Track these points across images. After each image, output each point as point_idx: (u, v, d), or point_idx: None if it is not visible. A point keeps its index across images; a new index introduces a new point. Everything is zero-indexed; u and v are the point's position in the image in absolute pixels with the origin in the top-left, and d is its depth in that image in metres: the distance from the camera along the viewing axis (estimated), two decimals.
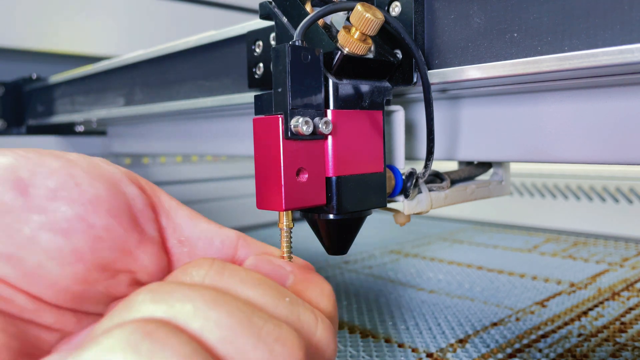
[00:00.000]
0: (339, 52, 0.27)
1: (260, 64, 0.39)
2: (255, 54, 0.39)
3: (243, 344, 0.18)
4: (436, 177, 0.37)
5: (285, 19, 0.31)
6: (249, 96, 0.43)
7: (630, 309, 0.54)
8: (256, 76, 0.39)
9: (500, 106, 0.33)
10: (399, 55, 0.31)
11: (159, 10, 1.08)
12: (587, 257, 0.77)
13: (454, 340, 0.47)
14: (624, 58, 0.23)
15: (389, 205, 0.33)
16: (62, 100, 0.77)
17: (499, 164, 0.43)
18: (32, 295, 0.20)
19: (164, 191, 0.25)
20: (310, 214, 0.29)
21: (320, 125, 0.26)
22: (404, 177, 0.32)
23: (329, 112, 0.27)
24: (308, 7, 0.31)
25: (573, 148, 0.30)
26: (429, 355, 0.45)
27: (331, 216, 0.28)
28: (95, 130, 0.91)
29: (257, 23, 0.39)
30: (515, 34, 0.26)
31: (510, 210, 1.03)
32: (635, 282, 0.63)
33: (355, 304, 0.58)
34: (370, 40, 0.28)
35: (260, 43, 0.39)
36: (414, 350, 0.46)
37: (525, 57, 0.26)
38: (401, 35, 0.28)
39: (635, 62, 0.22)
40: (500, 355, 0.44)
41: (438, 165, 0.56)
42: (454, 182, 0.39)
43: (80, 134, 0.89)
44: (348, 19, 0.28)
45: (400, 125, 0.33)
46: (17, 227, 0.20)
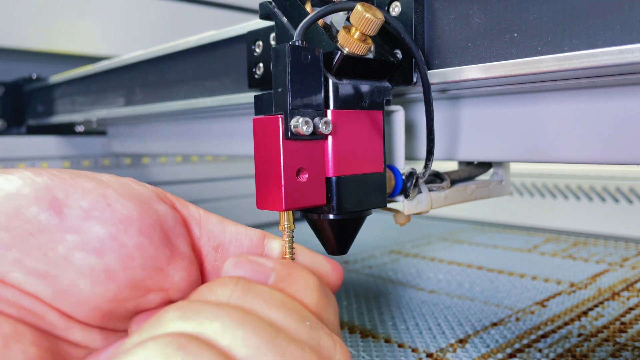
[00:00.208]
0: (339, 52, 0.27)
1: (260, 64, 0.39)
2: (255, 54, 0.39)
3: None
4: (436, 177, 0.37)
5: (285, 19, 0.31)
6: (249, 96, 0.43)
7: (630, 309, 0.54)
8: (256, 76, 0.39)
9: (500, 106, 0.33)
10: (399, 55, 0.31)
11: (159, 10, 1.08)
12: (587, 257, 0.77)
13: (454, 340, 0.47)
14: (624, 58, 0.23)
15: (389, 205, 0.33)
16: (62, 100, 0.77)
17: (499, 164, 0.43)
18: (64, 313, 0.21)
19: (191, 204, 0.26)
20: (310, 214, 0.29)
21: (320, 125, 0.26)
22: (404, 177, 0.32)
23: (329, 112, 0.27)
24: (308, 7, 0.31)
25: (573, 148, 0.30)
26: (429, 355, 0.45)
27: (331, 216, 0.28)
28: (95, 130, 0.91)
29: (257, 23, 0.39)
30: (515, 34, 0.26)
31: (510, 210, 1.03)
32: (635, 282, 0.63)
33: (355, 304, 0.58)
34: (370, 40, 0.28)
35: (260, 43, 0.39)
36: (414, 350, 0.46)
37: (525, 57, 0.26)
38: (401, 35, 0.28)
39: (635, 62, 0.22)
40: (500, 355, 0.44)
41: (438, 165, 0.57)
42: (454, 182, 0.39)
43: (80, 134, 0.89)
44: (348, 19, 0.28)
45: (400, 125, 0.33)
46: (52, 246, 0.20)
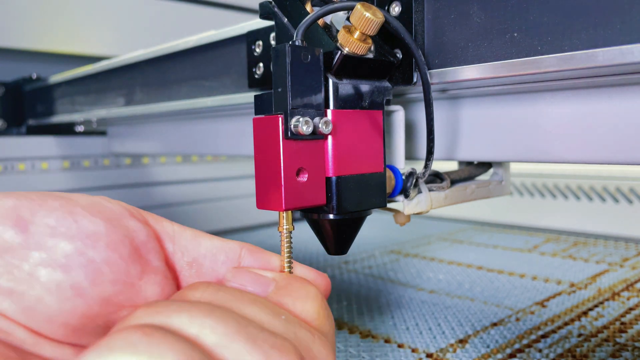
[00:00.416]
0: (339, 52, 0.27)
1: (260, 64, 0.39)
2: (255, 54, 0.39)
3: (239, 349, 0.18)
4: (436, 177, 0.37)
5: (285, 19, 0.31)
6: (249, 96, 0.43)
7: (630, 309, 0.54)
8: (256, 76, 0.39)
9: (500, 106, 0.33)
10: (399, 55, 0.31)
11: (159, 10, 1.08)
12: (587, 257, 0.76)
13: (454, 340, 0.47)
14: (624, 58, 0.23)
15: (389, 205, 0.33)
16: (62, 100, 0.77)
17: (499, 164, 0.43)
18: (32, 330, 0.21)
19: (167, 219, 0.26)
20: (310, 214, 0.29)
21: (320, 125, 0.26)
22: (404, 177, 0.32)
23: (329, 112, 0.27)
24: (308, 7, 0.31)
25: (573, 148, 0.30)
26: (429, 355, 0.45)
27: (331, 216, 0.28)
28: (95, 130, 0.91)
29: (257, 23, 0.39)
30: (515, 34, 0.26)
31: (510, 210, 1.03)
32: (635, 282, 0.63)
33: (355, 304, 0.58)
34: (370, 40, 0.28)
35: (260, 43, 0.39)
36: (414, 350, 0.46)
37: (525, 57, 0.26)
38: (401, 35, 0.28)
39: (635, 62, 0.22)
40: (500, 356, 0.44)
41: (438, 165, 0.56)
42: (454, 182, 0.39)
43: (80, 134, 0.89)
44: (348, 19, 0.28)
45: (400, 125, 0.33)
46: (17, 264, 0.20)
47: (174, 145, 0.67)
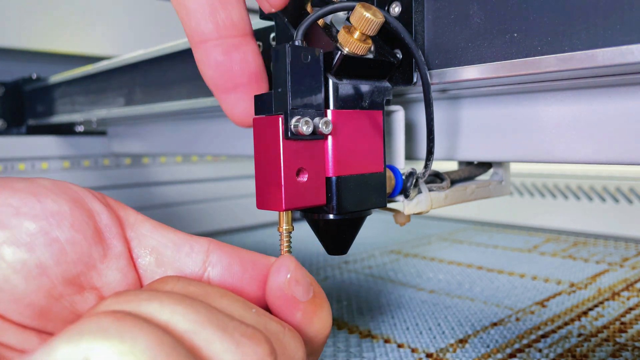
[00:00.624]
0: (339, 52, 0.27)
1: None
2: None
3: (209, 335, 0.18)
4: (436, 177, 0.37)
5: (285, 19, 0.31)
6: None
7: (630, 309, 0.54)
8: None
9: (500, 106, 0.33)
10: (399, 55, 0.31)
11: (159, 10, 1.08)
12: (587, 257, 0.77)
13: (454, 340, 0.47)
14: (624, 58, 0.23)
15: (389, 205, 0.33)
16: (62, 100, 0.77)
17: (499, 164, 0.43)
18: None
19: (132, 208, 0.25)
20: (310, 214, 0.29)
21: (320, 125, 0.26)
22: (404, 177, 0.32)
23: (329, 112, 0.27)
24: (308, 7, 0.31)
25: (573, 148, 0.30)
26: (429, 355, 0.45)
27: (331, 216, 0.28)
28: (95, 130, 0.91)
29: (257, 23, 0.39)
30: (515, 34, 0.26)
31: (510, 210, 1.03)
32: (635, 282, 0.63)
33: (355, 304, 0.58)
34: (370, 41, 0.28)
35: (260, 43, 0.39)
36: (414, 350, 0.46)
37: (525, 57, 0.26)
38: (401, 35, 0.28)
39: (635, 62, 0.22)
40: (500, 355, 0.44)
41: (438, 165, 0.57)
42: (454, 182, 0.39)
43: (80, 134, 0.89)
44: (348, 19, 0.28)
45: (400, 125, 0.33)
46: None
47: (174, 145, 0.67)
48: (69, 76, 0.73)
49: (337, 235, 0.30)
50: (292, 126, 0.25)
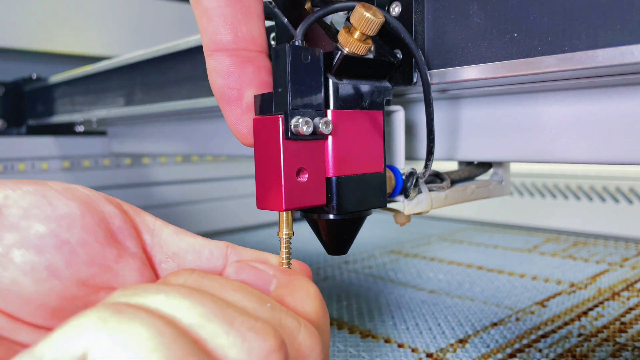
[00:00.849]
0: (339, 52, 0.27)
1: None
2: None
3: (215, 329, 0.18)
4: (436, 177, 0.37)
5: (285, 19, 0.31)
6: None
7: (630, 309, 0.54)
8: None
9: (500, 106, 0.33)
10: (399, 55, 0.31)
11: (159, 10, 1.08)
12: (587, 257, 0.77)
13: (454, 340, 0.47)
14: (624, 58, 0.23)
15: (389, 205, 0.33)
16: (62, 100, 0.77)
17: (499, 164, 0.43)
18: (8, 314, 0.20)
19: (149, 214, 0.25)
20: (310, 214, 0.29)
21: (320, 125, 0.26)
22: (404, 177, 0.32)
23: (329, 112, 0.27)
24: (308, 7, 0.31)
25: (573, 148, 0.30)
26: (429, 355, 0.45)
27: (331, 216, 0.28)
28: (95, 130, 0.91)
29: None
30: (515, 34, 0.26)
31: (510, 210, 1.03)
32: (635, 282, 0.63)
33: (355, 304, 0.58)
34: (370, 41, 0.28)
35: None
36: (414, 350, 0.46)
37: (525, 57, 0.26)
38: (401, 35, 0.28)
39: (635, 63, 0.22)
40: (500, 355, 0.44)
41: (438, 165, 0.56)
42: (454, 182, 0.39)
43: (80, 134, 0.89)
44: (348, 19, 0.28)
45: (400, 125, 0.33)
46: None
47: (174, 145, 0.67)
48: (69, 76, 0.73)
49: (337, 235, 0.30)
50: (292, 126, 0.25)
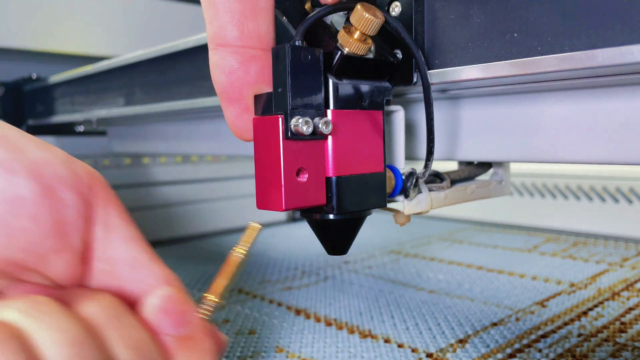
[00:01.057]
0: (339, 52, 0.27)
1: None
2: None
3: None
4: (436, 177, 0.37)
5: (285, 19, 0.31)
6: None
7: (630, 309, 0.54)
8: None
9: (500, 106, 0.33)
10: (399, 55, 0.31)
11: (159, 10, 1.08)
12: (587, 257, 0.77)
13: (454, 340, 0.47)
14: (623, 58, 0.23)
15: (389, 205, 0.33)
16: (62, 100, 0.77)
17: (499, 164, 0.43)
18: None
19: (122, 207, 0.25)
20: (310, 214, 0.29)
21: (320, 125, 0.26)
22: (404, 177, 0.32)
23: (329, 112, 0.27)
24: (308, 7, 0.31)
25: (573, 148, 0.30)
26: (429, 355, 0.45)
27: (331, 216, 0.28)
28: (95, 130, 0.91)
29: None
30: (515, 34, 0.26)
31: (510, 210, 1.03)
32: (635, 282, 0.63)
33: (355, 304, 0.58)
34: (370, 41, 0.28)
35: None
36: (414, 350, 0.46)
37: (525, 57, 0.26)
38: (401, 35, 0.28)
39: (635, 62, 0.22)
40: (500, 355, 0.44)
41: (438, 165, 0.56)
42: (454, 182, 0.39)
43: (80, 134, 0.89)
44: (348, 19, 0.28)
45: (400, 125, 0.33)
46: None
47: (174, 145, 0.67)
48: (69, 76, 0.73)
49: (337, 235, 0.30)
50: (292, 126, 0.25)
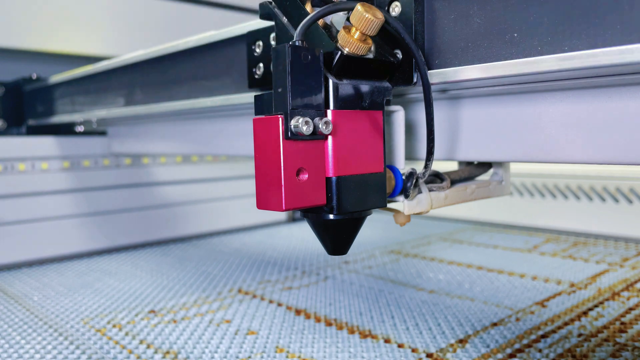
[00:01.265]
0: (339, 52, 0.27)
1: (260, 64, 0.39)
2: (255, 54, 0.39)
3: None
4: (436, 177, 0.37)
5: (285, 19, 0.31)
6: (249, 96, 0.43)
7: (630, 309, 0.54)
8: (256, 76, 0.39)
9: (500, 106, 0.33)
10: (399, 55, 0.31)
11: (159, 10, 1.08)
12: (587, 257, 0.77)
13: (454, 340, 0.47)
14: (624, 58, 0.23)
15: (389, 205, 0.33)
16: (62, 101, 0.77)
17: (499, 164, 0.43)
18: None
19: None
20: (310, 214, 0.29)
21: (320, 126, 0.26)
22: (404, 177, 0.32)
23: (329, 112, 0.27)
24: (308, 7, 0.31)
25: (573, 148, 0.30)
26: (429, 355, 0.45)
27: (331, 216, 0.28)
28: (95, 130, 0.91)
29: (257, 23, 0.39)
30: (515, 34, 0.26)
31: (510, 210, 1.03)
32: (635, 282, 0.63)
33: (355, 304, 0.58)
34: (370, 41, 0.28)
35: (260, 43, 0.39)
36: (414, 350, 0.46)
37: (525, 57, 0.26)
38: (401, 35, 0.28)
39: (635, 62, 0.22)
40: (500, 355, 0.44)
41: (438, 165, 0.56)
42: (454, 182, 0.39)
43: (80, 134, 0.89)
44: (348, 19, 0.28)
45: (400, 125, 0.33)
46: None
47: (174, 145, 0.67)
48: (69, 76, 0.73)
49: (337, 235, 0.30)
50: (292, 126, 0.25)
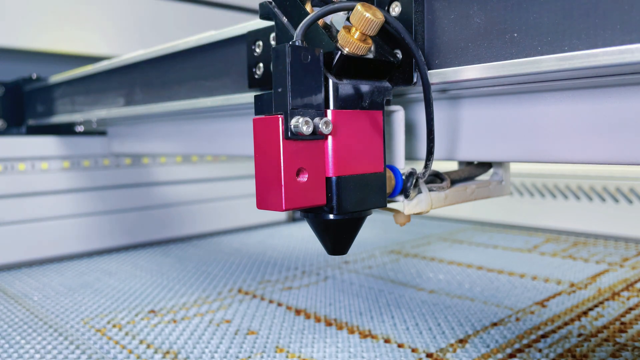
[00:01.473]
0: (339, 52, 0.27)
1: (260, 64, 0.39)
2: (255, 54, 0.39)
3: None
4: (436, 177, 0.37)
5: (285, 19, 0.31)
6: (249, 96, 0.43)
7: (630, 309, 0.54)
8: (256, 76, 0.39)
9: (500, 106, 0.33)
10: (399, 55, 0.31)
11: (159, 10, 1.08)
12: (587, 257, 0.76)
13: (454, 340, 0.47)
14: (623, 58, 0.23)
15: (389, 205, 0.33)
16: (62, 100, 0.77)
17: (499, 164, 0.43)
18: None
19: None
20: (310, 214, 0.29)
21: (320, 126, 0.26)
22: (404, 177, 0.32)
23: (329, 112, 0.27)
24: (308, 7, 0.31)
25: (573, 148, 0.30)
26: (429, 355, 0.45)
27: (331, 216, 0.28)
28: (95, 130, 0.91)
29: (257, 23, 0.39)
30: (515, 34, 0.26)
31: (510, 210, 1.03)
32: (635, 282, 0.63)
33: (355, 304, 0.58)
34: (370, 41, 0.28)
35: (260, 43, 0.39)
36: (414, 350, 0.46)
37: (525, 57, 0.26)
38: (401, 35, 0.28)
39: (635, 62, 0.22)
40: (500, 355, 0.44)
41: (438, 165, 0.56)
42: (454, 182, 0.39)
43: (80, 134, 0.89)
44: (348, 19, 0.28)
45: (400, 125, 0.33)
46: None
47: (174, 145, 0.67)
48: (69, 76, 0.73)
49: (337, 235, 0.30)
50: (292, 126, 0.25)
